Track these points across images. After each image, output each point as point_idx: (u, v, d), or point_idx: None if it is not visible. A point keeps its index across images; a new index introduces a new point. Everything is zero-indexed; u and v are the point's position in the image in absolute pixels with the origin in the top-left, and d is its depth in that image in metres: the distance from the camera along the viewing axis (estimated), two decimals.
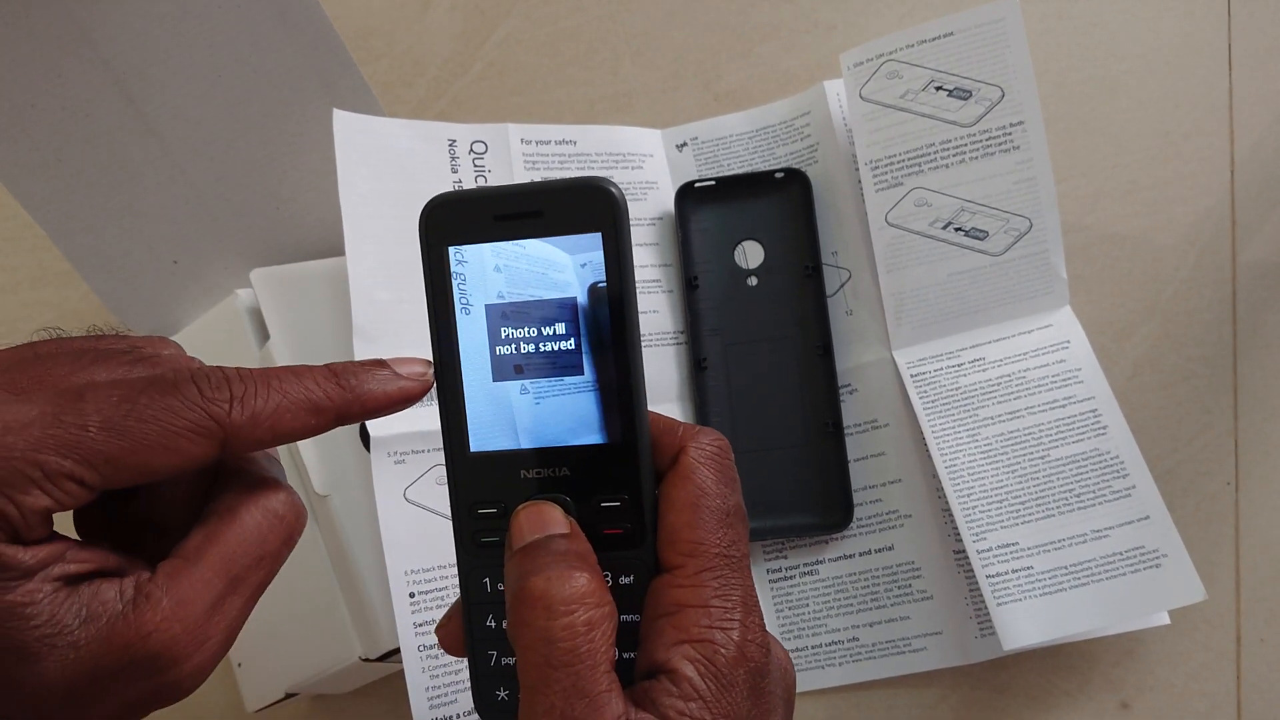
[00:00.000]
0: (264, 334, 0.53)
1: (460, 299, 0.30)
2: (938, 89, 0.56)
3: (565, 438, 0.30)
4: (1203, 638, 0.54)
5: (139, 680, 0.27)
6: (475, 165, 0.58)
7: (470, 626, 0.32)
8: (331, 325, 0.53)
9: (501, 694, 0.31)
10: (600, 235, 0.29)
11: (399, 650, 0.48)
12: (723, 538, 0.30)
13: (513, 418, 0.31)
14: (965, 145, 0.56)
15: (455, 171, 0.57)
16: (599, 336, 0.30)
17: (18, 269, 0.66)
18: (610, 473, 0.30)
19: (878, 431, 0.57)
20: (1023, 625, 0.50)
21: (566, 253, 0.30)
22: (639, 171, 0.62)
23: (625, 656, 0.30)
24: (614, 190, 0.29)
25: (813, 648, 0.56)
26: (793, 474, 0.57)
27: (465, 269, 0.30)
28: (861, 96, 0.57)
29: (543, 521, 0.29)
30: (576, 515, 0.30)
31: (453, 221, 0.30)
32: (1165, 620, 0.52)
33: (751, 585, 0.30)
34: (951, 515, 0.53)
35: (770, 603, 0.57)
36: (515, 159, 0.59)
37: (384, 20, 0.68)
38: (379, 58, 0.68)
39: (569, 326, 0.30)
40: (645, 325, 0.58)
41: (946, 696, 0.55)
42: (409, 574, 0.49)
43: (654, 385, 0.57)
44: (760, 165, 0.62)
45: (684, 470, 0.30)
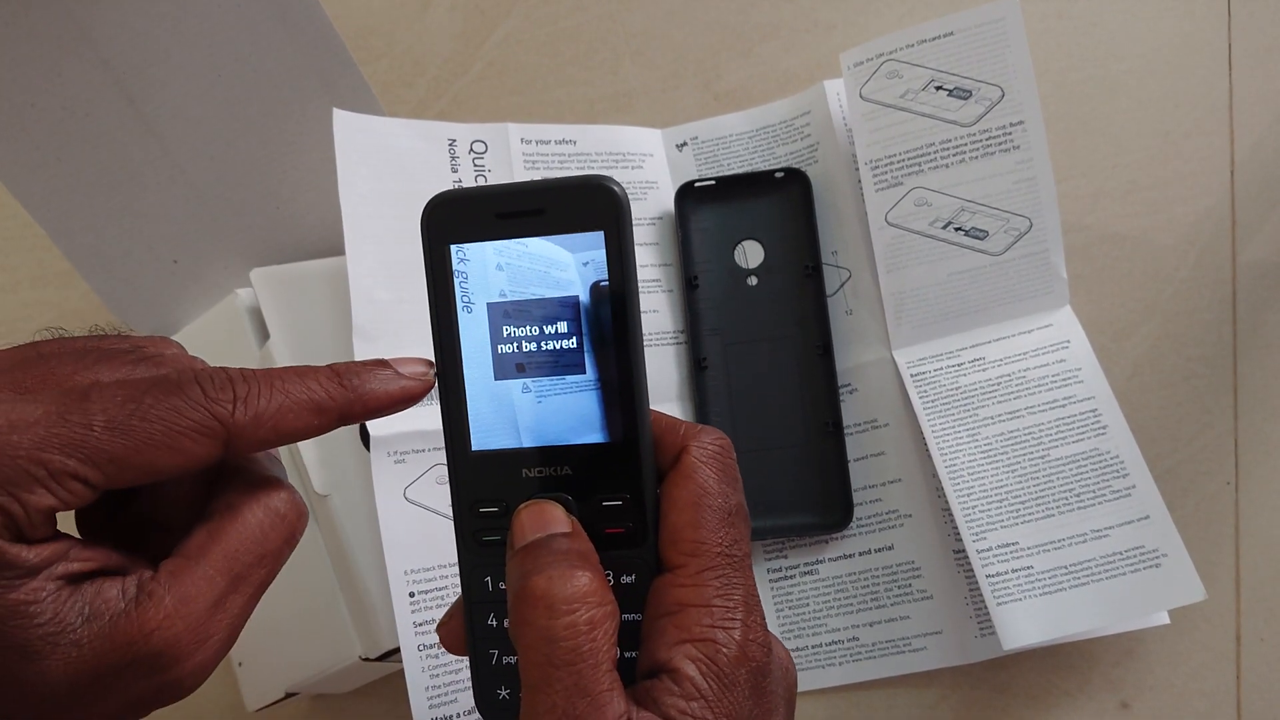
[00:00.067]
0: (264, 333, 0.53)
1: (462, 297, 0.30)
2: (938, 89, 0.56)
3: (567, 436, 0.30)
4: (1203, 638, 0.54)
5: (141, 678, 0.27)
6: (475, 165, 0.58)
7: (471, 625, 0.32)
8: (331, 325, 0.53)
9: (503, 693, 0.31)
10: (603, 234, 0.29)
11: (399, 650, 0.48)
12: (724, 537, 0.30)
13: (514, 416, 0.31)
14: (965, 145, 0.56)
15: (455, 171, 0.57)
16: (601, 335, 0.30)
17: (18, 269, 0.66)
18: (612, 472, 0.30)
19: (878, 431, 0.57)
20: (1022, 625, 0.50)
21: (569, 251, 0.30)
22: (639, 171, 0.62)
23: (627, 656, 0.30)
24: (616, 188, 0.29)
25: (813, 647, 0.56)
26: (793, 474, 0.57)
27: (467, 267, 0.30)
28: (861, 96, 0.57)
29: (544, 520, 0.29)
30: (578, 514, 0.30)
31: (455, 220, 0.30)
32: (1165, 620, 0.52)
33: (753, 584, 0.30)
34: (951, 515, 0.54)
35: (770, 602, 0.57)
36: (515, 159, 0.59)
37: (384, 20, 0.68)
38: (379, 57, 0.68)
39: (571, 325, 0.30)
40: (645, 325, 0.58)
41: (946, 696, 0.55)
42: (409, 573, 0.49)
43: (654, 385, 0.57)
44: (760, 165, 0.62)
45: (686, 469, 0.30)
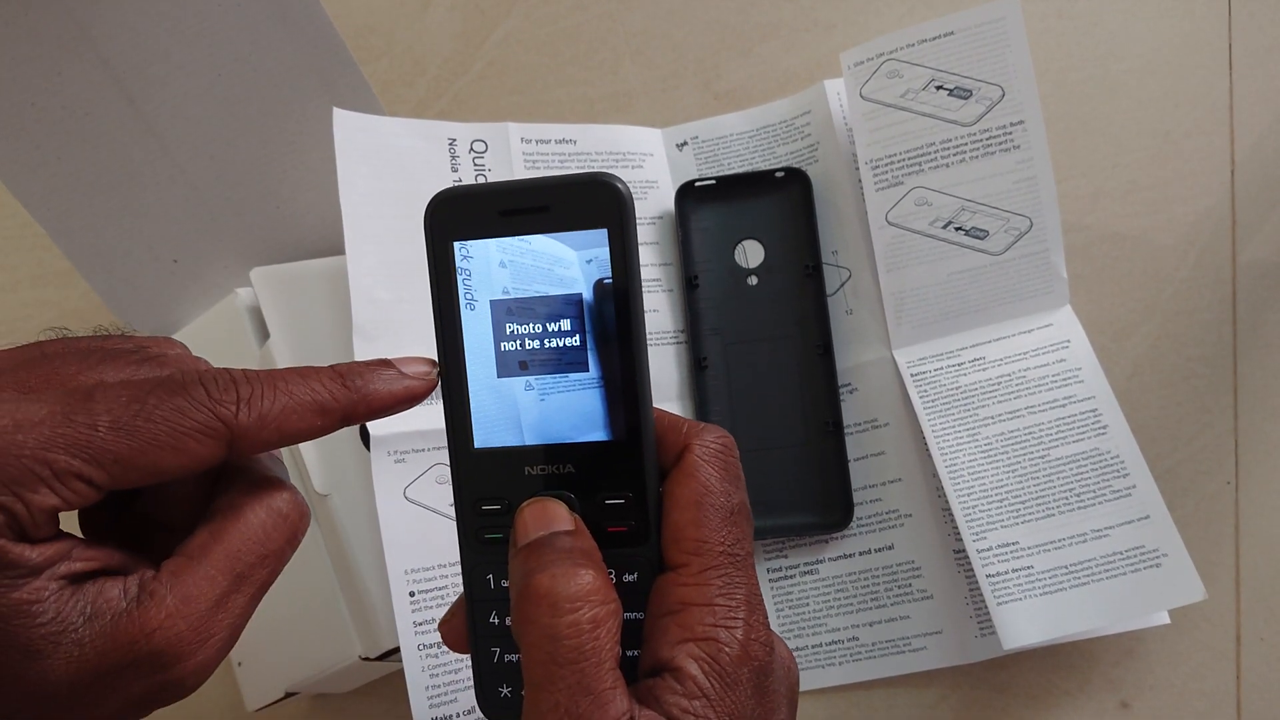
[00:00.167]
0: (264, 333, 0.53)
1: (465, 294, 0.30)
2: (938, 88, 0.56)
3: (570, 434, 0.30)
4: (1203, 637, 0.54)
5: (143, 677, 0.27)
6: (475, 164, 0.58)
7: (473, 623, 0.32)
8: (331, 324, 0.53)
9: (504, 691, 0.31)
10: (606, 231, 0.29)
11: (399, 649, 0.48)
12: (727, 536, 0.30)
13: (517, 414, 0.31)
14: (965, 144, 0.56)
15: (455, 170, 0.57)
16: (604, 333, 0.30)
17: (17, 268, 0.66)
18: (615, 470, 0.30)
19: (878, 431, 0.57)
20: (1023, 625, 0.50)
21: (572, 248, 0.30)
22: (639, 171, 0.62)
23: (629, 654, 0.30)
24: (620, 186, 0.29)
25: (813, 647, 0.56)
26: (793, 473, 0.57)
27: (470, 264, 0.30)
28: (862, 96, 0.57)
29: (547, 518, 0.29)
30: (581, 512, 0.30)
31: (458, 217, 0.30)
32: (1165, 620, 0.52)
33: (756, 583, 0.30)
34: (951, 514, 0.53)
35: (771, 602, 0.57)
36: (515, 158, 0.59)
37: (384, 19, 0.68)
38: (379, 57, 0.68)
39: (574, 323, 0.30)
40: (646, 324, 0.58)
41: (946, 696, 0.55)
42: (409, 573, 0.49)
43: (654, 384, 0.57)
44: (760, 164, 0.62)
45: (688, 468, 0.30)
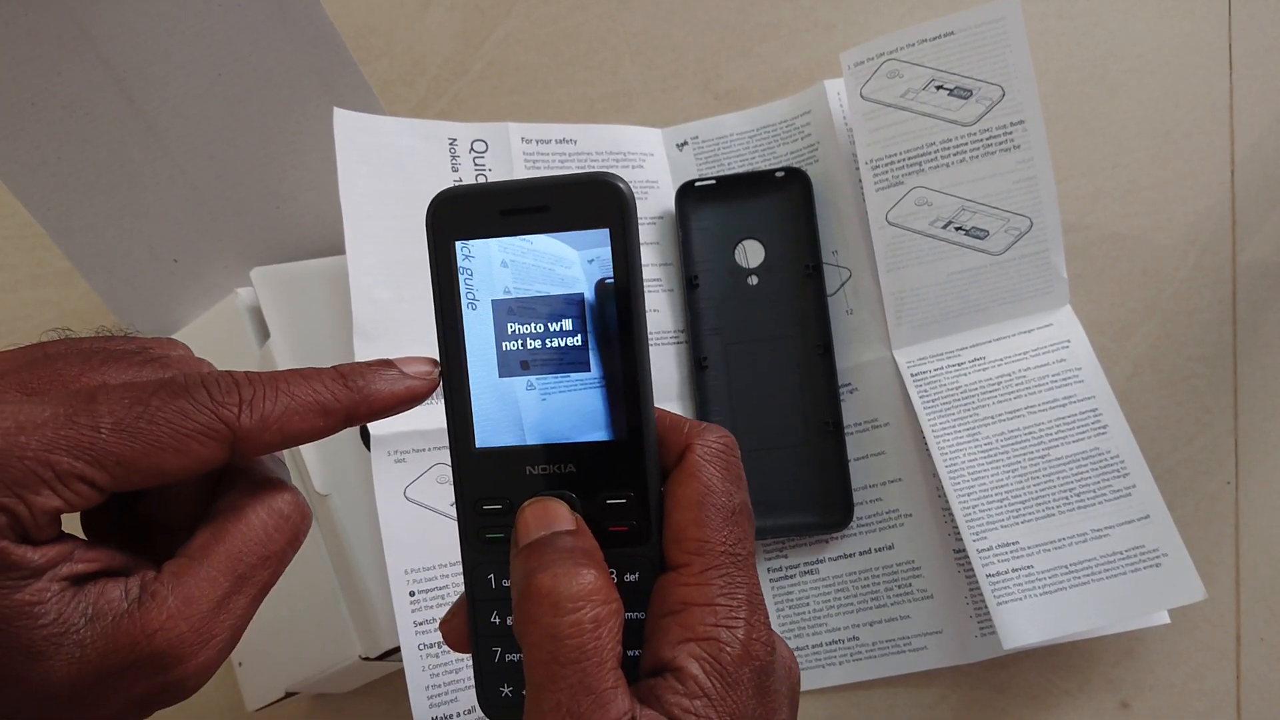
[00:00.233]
0: (264, 333, 0.53)
1: (467, 294, 0.30)
2: (938, 88, 0.56)
3: (571, 434, 0.30)
4: (1203, 637, 0.54)
5: (144, 678, 0.27)
6: (476, 164, 0.58)
7: (474, 623, 0.32)
8: (331, 324, 0.53)
9: (505, 690, 0.31)
10: (608, 231, 0.29)
11: (399, 649, 0.48)
12: (728, 536, 0.30)
13: (519, 414, 0.31)
14: (966, 144, 0.56)
15: (456, 170, 0.57)
16: (606, 333, 0.30)
17: (17, 268, 0.66)
18: (616, 469, 0.30)
19: (878, 431, 0.57)
20: (1023, 624, 0.50)
21: (574, 248, 0.30)
22: (639, 170, 0.62)
23: (630, 654, 0.30)
24: (622, 186, 0.29)
25: (813, 647, 0.56)
26: (793, 473, 0.57)
27: (472, 264, 0.30)
28: (862, 95, 0.57)
29: (549, 518, 0.29)
30: (582, 512, 0.30)
31: (460, 216, 0.30)
32: (1165, 620, 0.52)
33: (757, 583, 0.30)
34: (951, 514, 0.54)
35: (771, 602, 0.57)
36: (516, 158, 0.59)
37: (384, 19, 0.68)
38: (379, 57, 0.68)
39: (576, 323, 0.30)
40: (647, 324, 0.58)
41: (946, 696, 0.55)
42: (409, 573, 0.49)
43: (655, 384, 0.57)
44: (760, 164, 0.62)
45: (690, 468, 0.30)
